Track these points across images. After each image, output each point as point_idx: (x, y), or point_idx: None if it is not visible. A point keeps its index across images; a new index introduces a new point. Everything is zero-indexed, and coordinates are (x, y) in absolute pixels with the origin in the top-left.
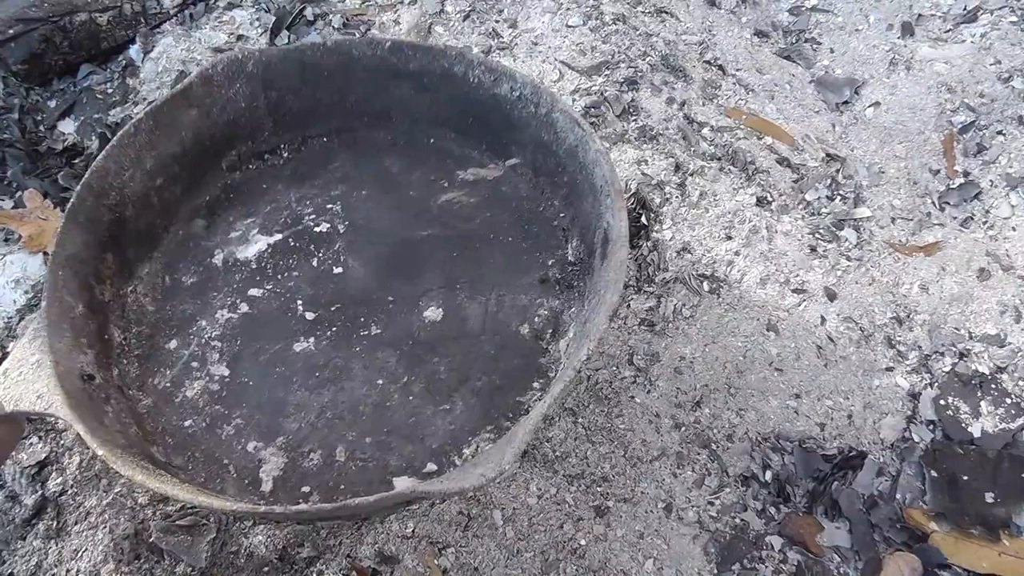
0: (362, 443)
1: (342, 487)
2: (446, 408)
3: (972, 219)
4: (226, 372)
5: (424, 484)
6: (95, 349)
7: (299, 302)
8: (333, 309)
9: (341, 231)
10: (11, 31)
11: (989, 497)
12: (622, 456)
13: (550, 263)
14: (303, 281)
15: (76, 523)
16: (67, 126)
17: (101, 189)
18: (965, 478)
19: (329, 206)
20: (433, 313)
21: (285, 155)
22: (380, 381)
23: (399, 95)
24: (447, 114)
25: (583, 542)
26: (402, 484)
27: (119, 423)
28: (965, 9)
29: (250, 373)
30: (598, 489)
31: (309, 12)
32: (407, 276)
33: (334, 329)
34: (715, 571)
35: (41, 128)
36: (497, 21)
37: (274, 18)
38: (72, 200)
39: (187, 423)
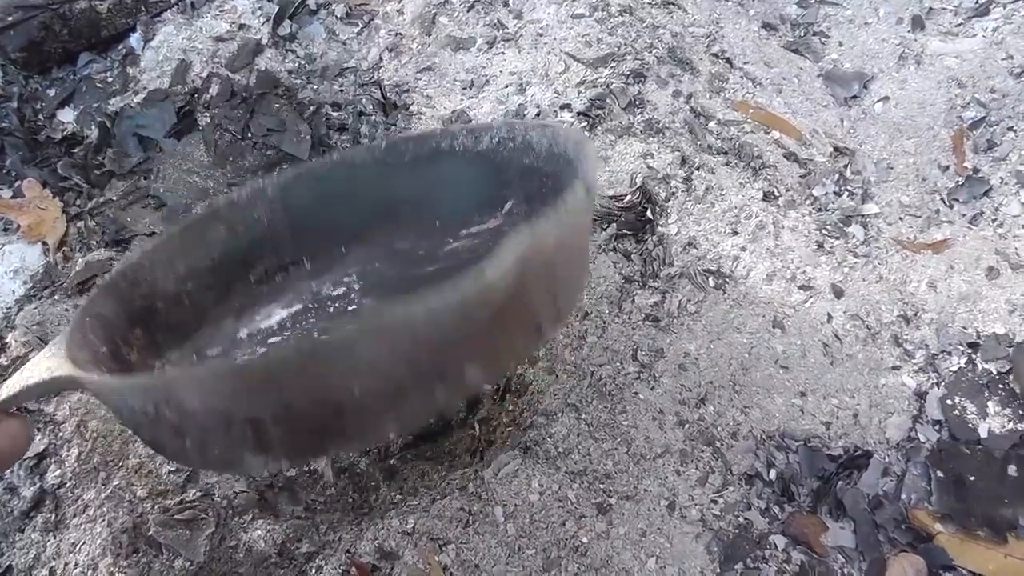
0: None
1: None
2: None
3: (981, 216)
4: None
5: None
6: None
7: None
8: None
9: (356, 288)
10: (10, 18)
11: (996, 499)
12: (625, 453)
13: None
14: (320, 321)
15: (74, 516)
16: (66, 115)
17: (134, 279)
18: (972, 479)
19: (346, 279)
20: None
21: (308, 266)
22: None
23: (399, 185)
24: (442, 193)
25: (585, 540)
26: None
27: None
28: (977, 3)
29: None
30: (600, 486)
31: (312, 1)
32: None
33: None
34: (718, 570)
35: (40, 117)
36: (502, 11)
37: (277, 7)
38: (108, 277)
39: None
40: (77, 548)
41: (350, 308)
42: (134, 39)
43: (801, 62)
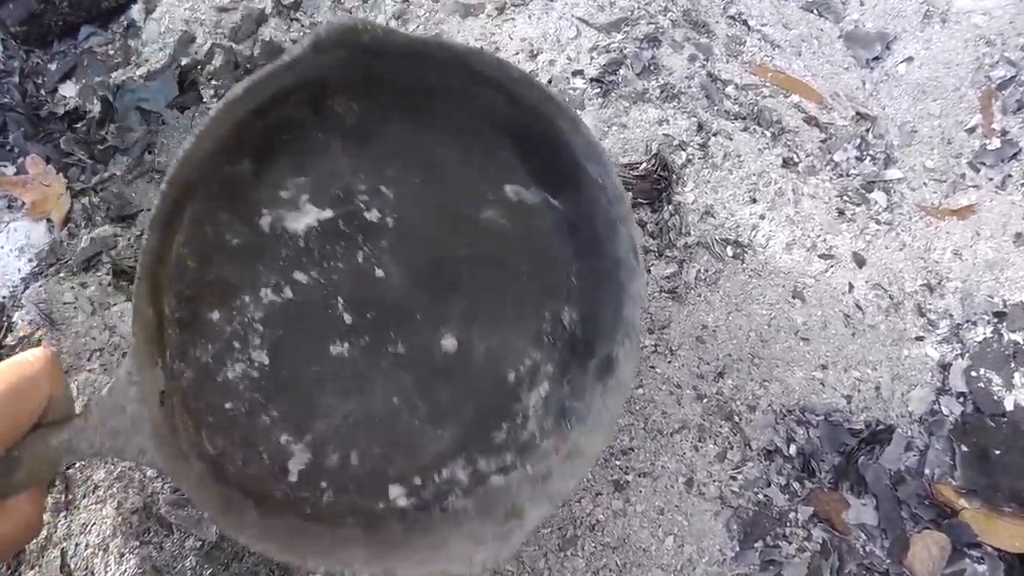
0: (371, 451)
1: (350, 486)
2: (439, 434)
3: (1010, 180)
4: (266, 360)
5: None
6: (158, 350)
7: (340, 300)
8: (369, 316)
9: (390, 225)
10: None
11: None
12: (642, 428)
13: (547, 315)
14: (347, 277)
15: (84, 497)
16: (68, 89)
17: (182, 178)
18: (997, 453)
19: (382, 187)
20: (449, 343)
21: (351, 106)
22: (395, 400)
23: (488, 99)
24: (521, 131)
25: (601, 517)
26: (395, 492)
27: (183, 428)
28: None
29: (288, 366)
30: (617, 463)
31: None
32: (436, 297)
33: (366, 339)
34: (737, 548)
35: (42, 92)
36: None
37: None
38: (157, 206)
39: (228, 405)
40: (88, 529)
41: (377, 272)
42: (135, 11)
43: (821, 23)
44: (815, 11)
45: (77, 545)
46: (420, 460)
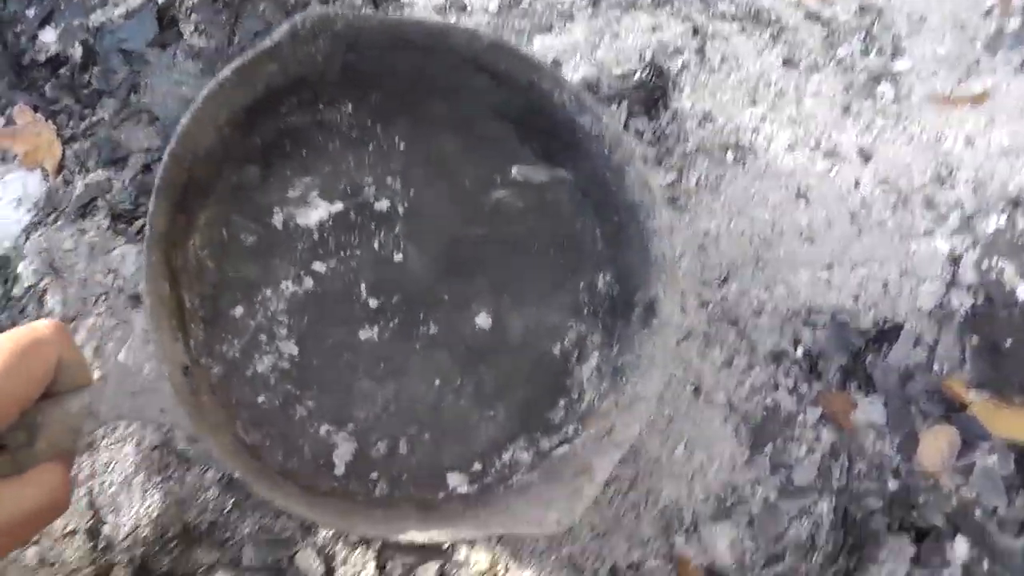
0: (421, 438)
1: (404, 477)
2: (490, 415)
3: None
4: (295, 351)
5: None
6: (178, 326)
7: (363, 286)
8: (395, 300)
9: (401, 212)
10: None
11: None
12: None
13: (581, 286)
14: (366, 263)
15: (104, 438)
16: (48, 35)
17: (182, 153)
18: (1008, 344)
19: (388, 180)
20: (483, 320)
21: (345, 109)
22: (436, 382)
23: (475, 83)
24: (515, 112)
25: None
26: (454, 480)
27: (212, 411)
28: None
29: (318, 355)
30: None
31: None
32: (460, 275)
33: (396, 321)
34: (747, 454)
35: (22, 39)
36: None
37: None
38: (160, 174)
39: (260, 399)
40: (110, 468)
41: (396, 257)
42: None
43: None
44: None
45: (102, 483)
46: (475, 446)
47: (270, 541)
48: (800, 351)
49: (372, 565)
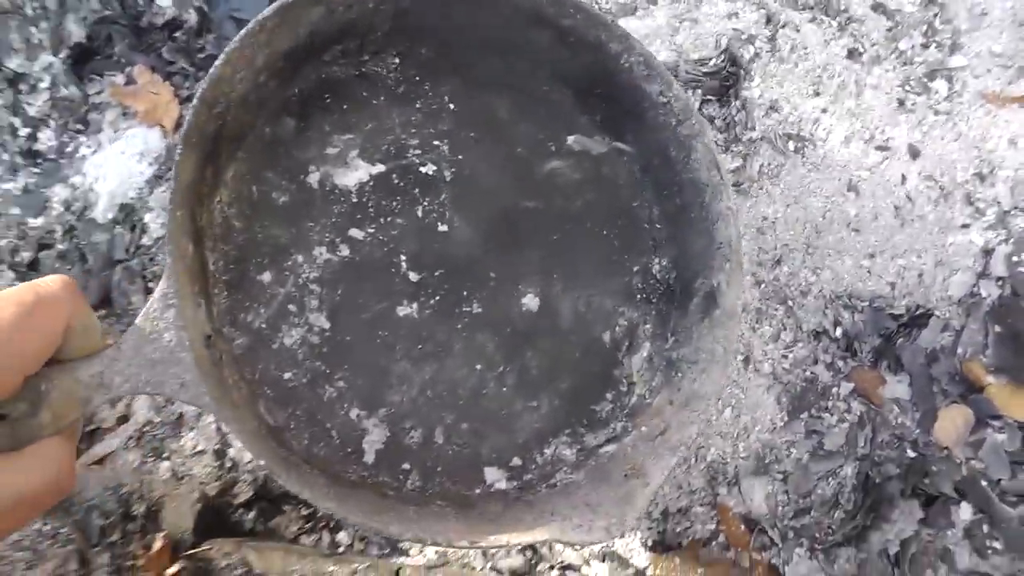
0: (459, 428)
1: (439, 469)
2: (533, 405)
3: None
4: (327, 325)
5: (562, 534)
6: (201, 291)
7: (403, 257)
8: (437, 274)
9: (447, 179)
10: None
11: None
12: None
13: (635, 269)
14: (407, 232)
15: None
16: (164, 0)
17: (214, 98)
18: None
19: (435, 142)
20: (530, 301)
21: (392, 62)
22: (478, 366)
23: (535, 40)
24: (576, 75)
25: None
26: (492, 475)
27: (234, 386)
28: None
29: (352, 331)
30: None
31: None
32: (509, 251)
33: (437, 298)
34: (786, 419)
35: (140, 3)
36: None
37: None
38: (188, 119)
39: (286, 375)
40: None
41: (440, 227)
42: None
43: None
44: None
45: None
46: (516, 437)
47: None
48: (839, 331)
49: None
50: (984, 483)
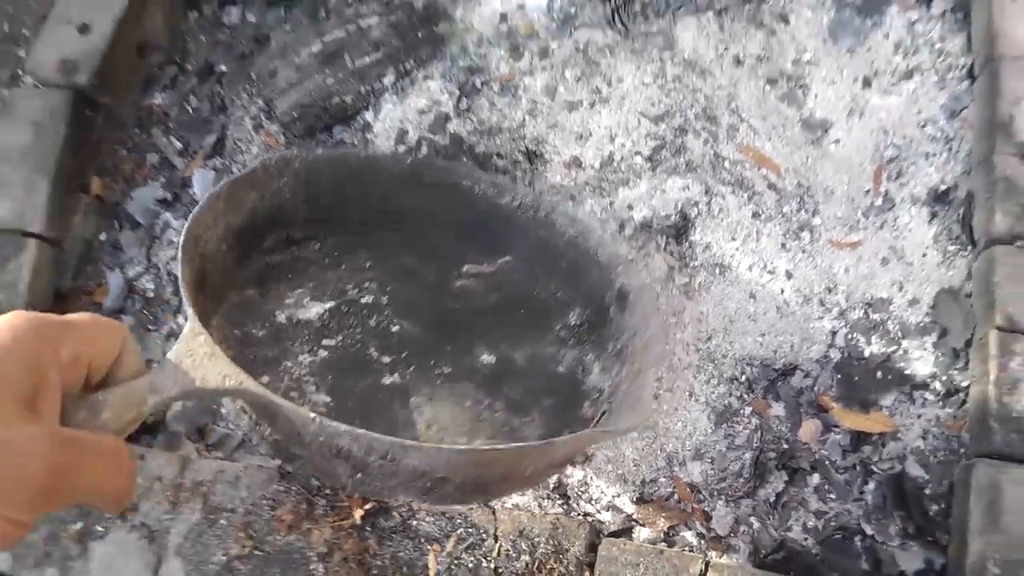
0: (472, 443)
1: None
2: (528, 420)
3: (886, 224)
4: (328, 399)
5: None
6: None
7: (372, 350)
8: (404, 356)
9: (385, 302)
10: (295, 113)
11: (866, 389)
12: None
13: (557, 327)
14: (368, 335)
15: None
16: None
17: (196, 236)
18: (856, 379)
19: (367, 284)
20: (487, 358)
21: (316, 246)
22: (468, 403)
23: (413, 200)
24: (451, 219)
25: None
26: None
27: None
28: (908, 67)
29: (351, 399)
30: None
31: (477, 82)
32: (454, 334)
33: (412, 368)
34: (712, 427)
35: None
36: (598, 80)
37: (456, 88)
38: (182, 239)
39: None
40: None
41: (393, 329)
42: (368, 115)
43: (788, 111)
44: (785, 101)
45: None
46: (527, 439)
47: None
48: (744, 377)
49: None
50: (827, 463)
